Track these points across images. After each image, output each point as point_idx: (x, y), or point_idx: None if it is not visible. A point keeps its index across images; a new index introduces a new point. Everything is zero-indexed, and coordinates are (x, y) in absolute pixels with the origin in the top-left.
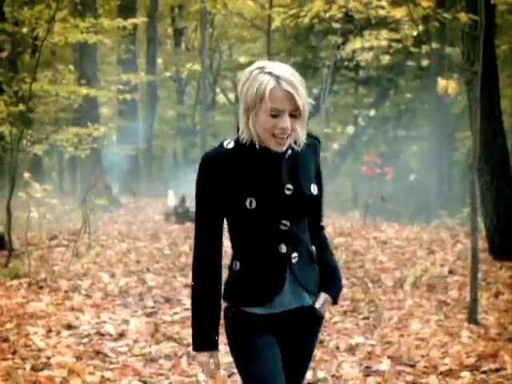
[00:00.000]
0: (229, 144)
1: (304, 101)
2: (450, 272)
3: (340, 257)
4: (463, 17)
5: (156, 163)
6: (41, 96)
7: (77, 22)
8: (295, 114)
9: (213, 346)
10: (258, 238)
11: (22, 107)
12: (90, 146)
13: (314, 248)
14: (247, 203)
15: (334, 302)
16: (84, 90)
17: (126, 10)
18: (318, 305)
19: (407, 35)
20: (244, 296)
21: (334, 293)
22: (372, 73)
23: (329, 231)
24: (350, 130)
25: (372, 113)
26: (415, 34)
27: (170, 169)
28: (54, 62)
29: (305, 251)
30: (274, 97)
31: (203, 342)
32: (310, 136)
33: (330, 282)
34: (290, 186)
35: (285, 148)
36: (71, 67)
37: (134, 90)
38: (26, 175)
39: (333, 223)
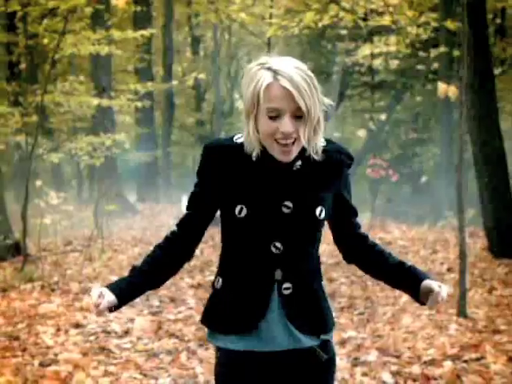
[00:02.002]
0: (239, 139)
1: (309, 100)
2: (449, 270)
3: None
4: (449, 24)
5: (175, 170)
6: (53, 107)
7: (88, 35)
8: (299, 114)
9: (111, 288)
10: (246, 255)
11: (35, 118)
12: (103, 154)
13: (322, 283)
14: (237, 210)
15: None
16: (95, 101)
17: (142, 20)
18: (436, 288)
19: (398, 40)
20: (218, 319)
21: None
22: (389, 77)
23: None
24: (362, 133)
25: (383, 117)
26: (424, 37)
27: (188, 175)
28: (72, 72)
29: (304, 284)
30: (271, 95)
31: (110, 283)
32: (337, 151)
33: (419, 272)
34: (288, 203)
35: (292, 157)
36: (82, 78)
37: (150, 99)
38: (38, 183)
39: None
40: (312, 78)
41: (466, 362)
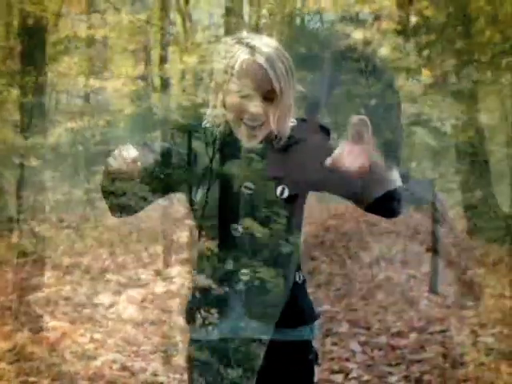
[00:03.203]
0: (207, 123)
1: (285, 83)
2: (427, 250)
3: (328, 238)
4: (426, 11)
5: None
6: (49, 87)
7: (83, 17)
8: (271, 96)
9: None
10: (207, 241)
11: (30, 98)
12: (98, 133)
13: (298, 275)
14: (193, 194)
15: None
16: (89, 82)
17: (139, 2)
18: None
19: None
20: (187, 311)
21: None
22: (383, 63)
23: (323, 215)
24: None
25: (373, 102)
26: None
27: None
28: (68, 54)
29: (270, 271)
30: (244, 72)
31: None
32: (309, 130)
33: None
34: (249, 184)
35: (257, 142)
36: (77, 60)
37: (146, 80)
38: (33, 161)
39: (327, 207)
40: (289, 61)
41: (431, 333)
